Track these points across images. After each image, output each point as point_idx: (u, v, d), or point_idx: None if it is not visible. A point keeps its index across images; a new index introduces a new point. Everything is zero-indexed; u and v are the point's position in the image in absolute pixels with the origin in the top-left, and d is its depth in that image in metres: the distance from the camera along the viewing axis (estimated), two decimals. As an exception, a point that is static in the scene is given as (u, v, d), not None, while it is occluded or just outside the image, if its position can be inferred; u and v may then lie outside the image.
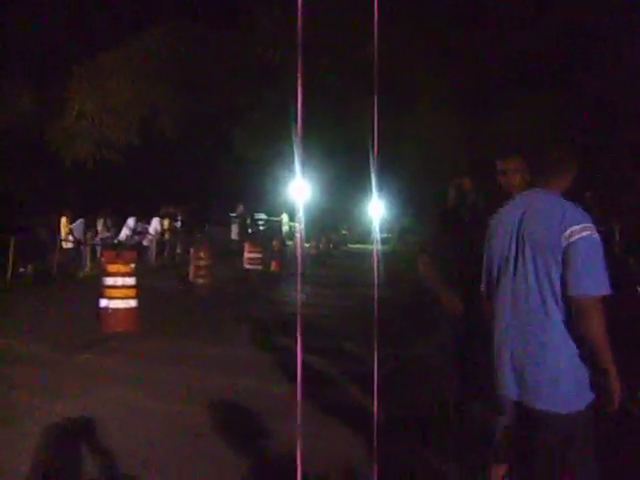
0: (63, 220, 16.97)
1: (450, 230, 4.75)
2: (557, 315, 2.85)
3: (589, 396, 2.87)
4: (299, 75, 2.64)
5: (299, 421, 2.62)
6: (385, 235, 30.34)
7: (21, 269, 15.10)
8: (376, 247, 6.22)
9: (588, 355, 2.84)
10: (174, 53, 13.87)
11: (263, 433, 5.16)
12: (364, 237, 35.86)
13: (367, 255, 25.27)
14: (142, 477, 4.32)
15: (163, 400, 6.06)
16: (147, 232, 20.55)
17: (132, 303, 9.58)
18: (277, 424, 5.19)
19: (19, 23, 15.28)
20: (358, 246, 35.35)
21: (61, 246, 16.42)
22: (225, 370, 7.21)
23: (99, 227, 17.81)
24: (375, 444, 3.33)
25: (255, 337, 9.25)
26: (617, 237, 11.78)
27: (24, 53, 15.09)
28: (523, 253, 2.95)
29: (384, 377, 3.72)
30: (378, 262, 4.24)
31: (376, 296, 3.64)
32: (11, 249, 14.21)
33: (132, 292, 9.63)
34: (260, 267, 16.63)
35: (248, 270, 16.34)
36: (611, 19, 11.91)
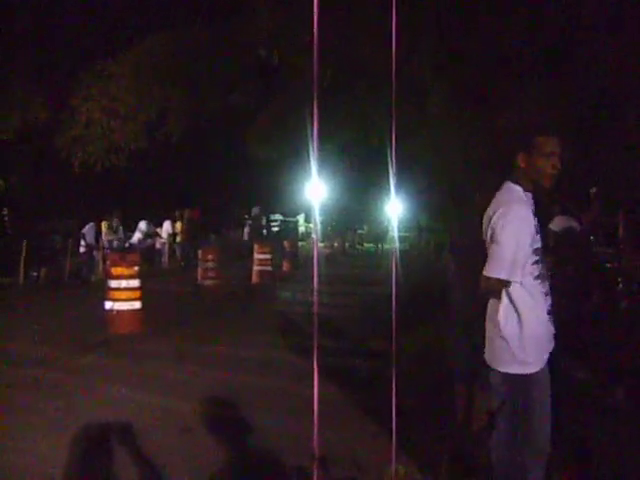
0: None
1: None
2: None
3: None
4: (314, 75, 2.73)
5: (315, 418, 2.70)
6: (402, 234, 30.19)
7: (33, 273, 15.37)
8: (394, 246, 6.28)
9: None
10: (178, 56, 13.99)
11: (258, 428, 5.26)
12: (381, 236, 35.77)
13: (383, 254, 25.37)
14: (135, 470, 4.48)
15: (159, 396, 6.27)
16: (158, 235, 20.77)
17: (136, 305, 9.76)
18: (274, 419, 5.42)
19: (28, 28, 15.50)
20: (374, 245, 35.28)
21: (74, 251, 16.67)
22: (224, 368, 7.38)
23: (103, 229, 17.95)
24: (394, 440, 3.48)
25: (258, 336, 9.35)
26: (621, 232, 11.74)
27: (34, 59, 15.31)
28: None
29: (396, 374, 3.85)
30: (395, 261, 4.25)
31: (394, 294, 3.76)
32: (23, 253, 14.48)
33: (136, 294, 9.80)
34: (270, 268, 16.70)
35: (257, 271, 16.42)
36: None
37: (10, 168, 16.35)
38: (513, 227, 3.17)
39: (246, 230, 25.16)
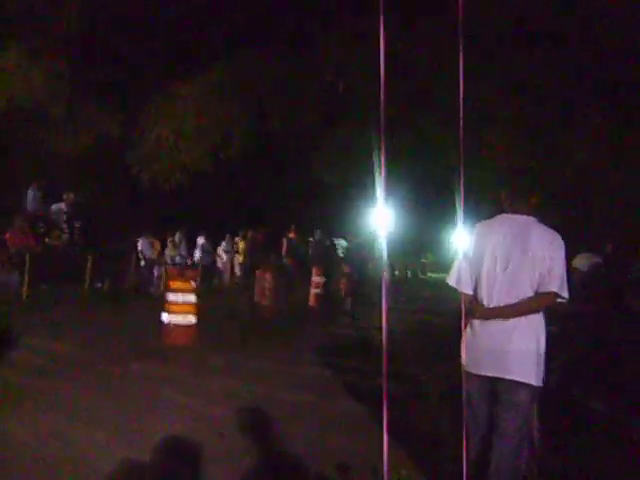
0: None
1: None
2: None
3: None
4: (382, 105, 2.92)
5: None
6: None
7: (98, 284, 15.92)
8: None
9: None
10: (246, 81, 14.43)
11: (288, 438, 5.43)
12: (446, 266, 35.37)
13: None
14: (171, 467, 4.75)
15: (200, 402, 6.54)
16: (218, 254, 21.17)
17: (192, 319, 10.04)
18: (305, 430, 5.61)
19: (104, 48, 16.20)
20: (438, 275, 34.96)
21: (137, 264, 17.21)
22: (267, 382, 7.54)
23: (168, 245, 18.42)
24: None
25: (306, 355, 9.50)
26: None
27: (108, 79, 15.98)
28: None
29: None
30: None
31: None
32: (89, 265, 15.06)
33: (192, 308, 10.08)
34: (326, 291, 16.77)
35: (314, 294, 16.53)
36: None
37: (81, 183, 17.03)
38: None
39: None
